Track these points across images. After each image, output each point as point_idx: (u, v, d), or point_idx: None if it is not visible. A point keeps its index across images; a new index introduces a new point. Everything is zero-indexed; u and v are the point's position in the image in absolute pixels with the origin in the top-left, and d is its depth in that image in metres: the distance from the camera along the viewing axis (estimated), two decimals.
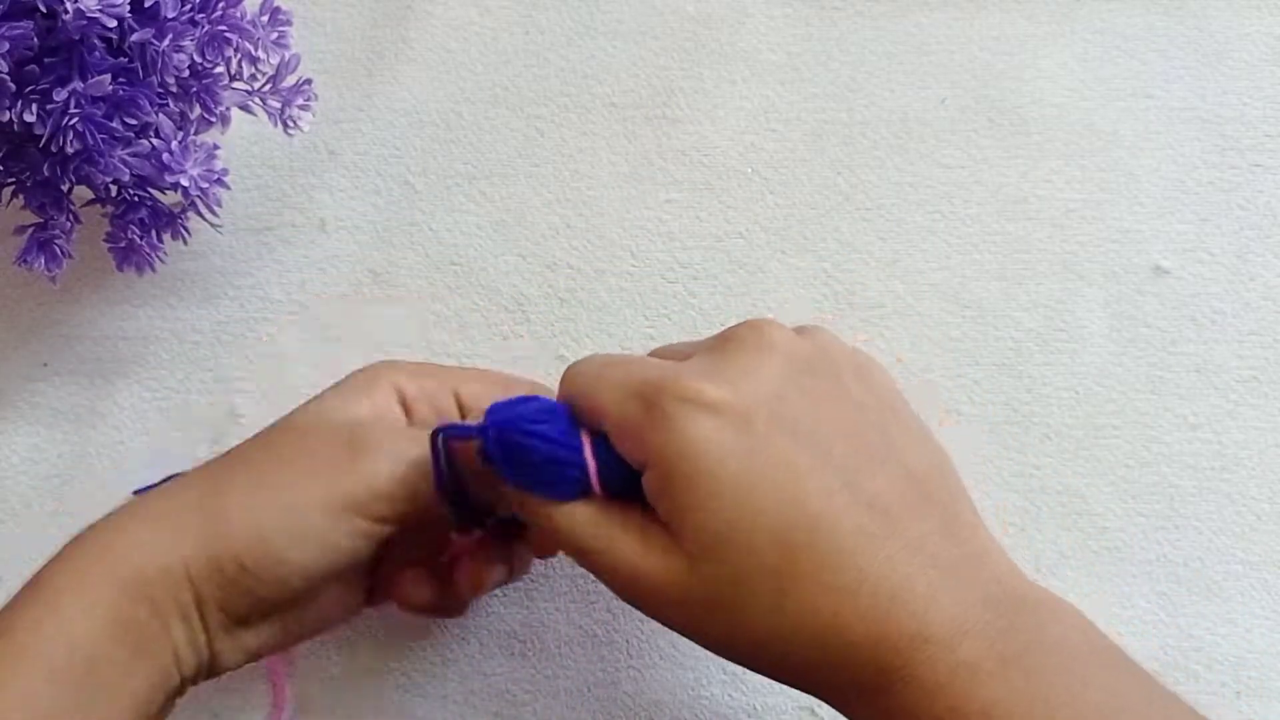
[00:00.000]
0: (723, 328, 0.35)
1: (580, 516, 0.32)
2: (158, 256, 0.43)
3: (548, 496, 0.32)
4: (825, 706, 0.42)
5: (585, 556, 0.32)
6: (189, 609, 0.33)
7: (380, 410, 0.36)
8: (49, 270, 0.42)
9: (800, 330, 0.33)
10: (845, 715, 0.31)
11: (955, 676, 0.27)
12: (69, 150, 0.38)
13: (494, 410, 0.33)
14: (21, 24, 0.36)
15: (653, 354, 0.35)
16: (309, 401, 0.37)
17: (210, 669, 0.35)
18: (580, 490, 0.32)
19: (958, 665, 0.27)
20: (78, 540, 0.35)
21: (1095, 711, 0.27)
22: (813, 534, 0.28)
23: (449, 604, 0.38)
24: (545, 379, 0.42)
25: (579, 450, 0.32)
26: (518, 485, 0.32)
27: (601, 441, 0.32)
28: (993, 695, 0.27)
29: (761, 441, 0.29)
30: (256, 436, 0.36)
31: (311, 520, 0.33)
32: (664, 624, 0.31)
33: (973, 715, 0.27)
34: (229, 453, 0.36)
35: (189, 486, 0.35)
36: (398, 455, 0.34)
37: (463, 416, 0.37)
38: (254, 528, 0.33)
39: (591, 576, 0.43)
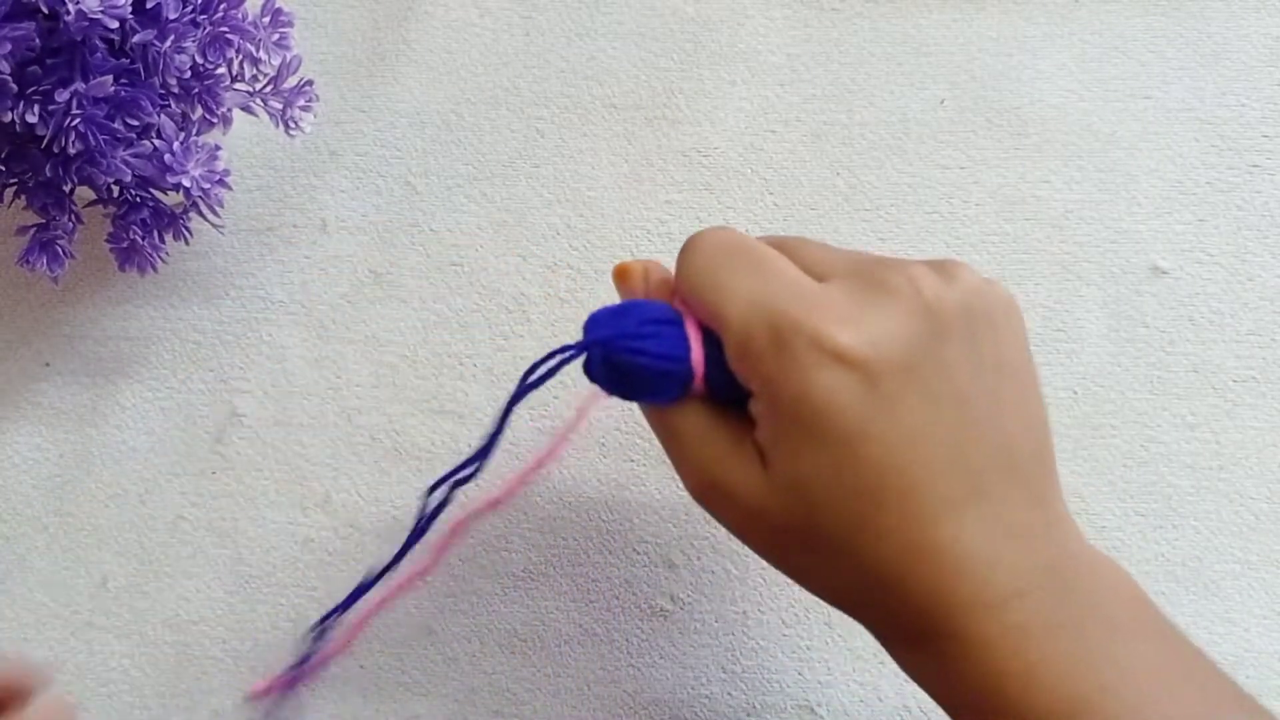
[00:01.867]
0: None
1: (689, 419, 0.31)
2: (159, 257, 0.43)
3: (650, 402, 0.31)
4: (824, 706, 0.42)
5: (677, 450, 0.31)
6: None
7: None
8: (51, 270, 0.42)
9: (947, 275, 0.30)
10: (890, 653, 0.31)
11: (1004, 638, 0.28)
12: (71, 151, 0.38)
13: (594, 324, 0.31)
14: (23, 25, 0.36)
15: (780, 245, 0.32)
16: None
17: None
18: (683, 391, 0.31)
19: (1008, 627, 0.28)
20: None
21: (1135, 677, 0.28)
22: (903, 498, 0.28)
23: None
24: None
25: (687, 360, 0.30)
26: (622, 397, 0.31)
27: (711, 345, 0.30)
28: (1037, 656, 0.28)
29: (884, 407, 0.28)
30: None
31: None
32: (732, 532, 0.31)
33: (1015, 675, 0.28)
34: None
35: None
36: None
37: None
38: None
39: (591, 576, 0.43)
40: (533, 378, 0.33)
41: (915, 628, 0.29)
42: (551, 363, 0.33)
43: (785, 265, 0.30)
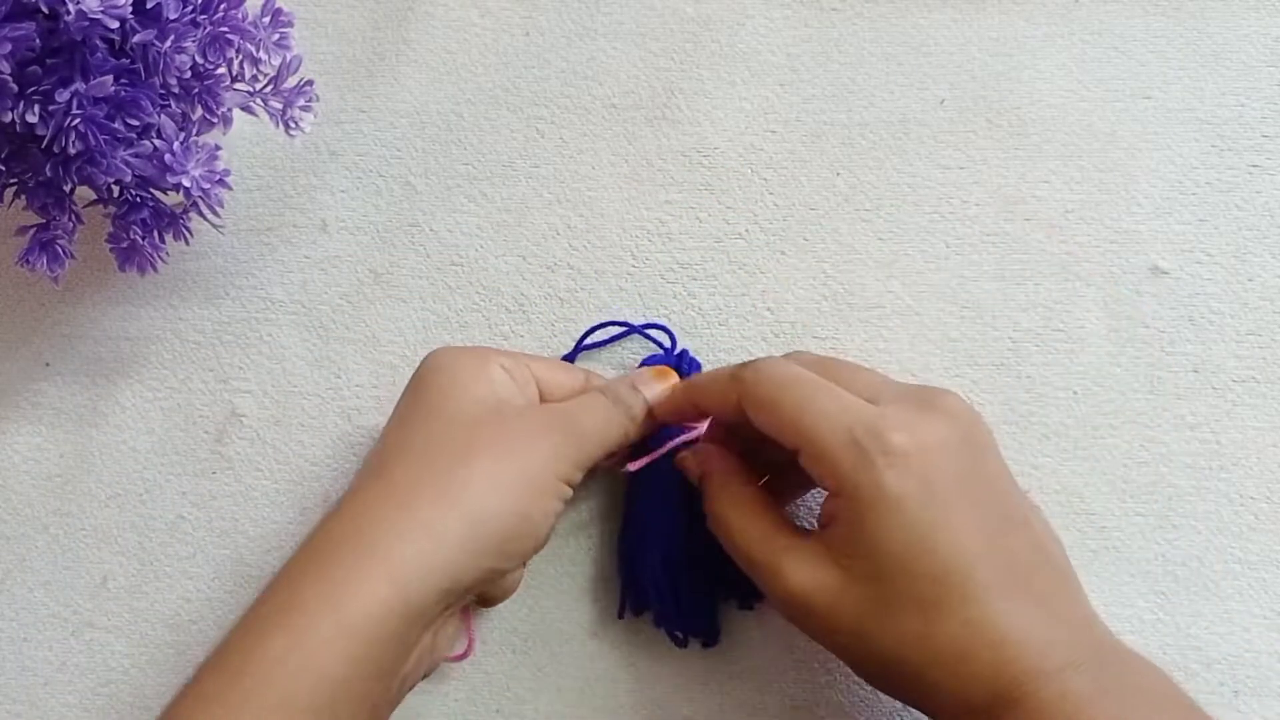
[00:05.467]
0: (721, 329, 0.46)
1: (753, 532, 0.37)
2: (160, 257, 0.43)
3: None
4: (824, 706, 0.42)
5: (753, 569, 0.37)
6: (436, 619, 0.36)
7: (506, 388, 0.39)
8: (51, 271, 0.42)
9: (968, 404, 0.37)
10: None
11: (1062, 702, 0.32)
12: (71, 151, 0.38)
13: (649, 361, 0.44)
14: (24, 25, 0.36)
15: (824, 369, 0.38)
16: (424, 396, 0.39)
17: (430, 668, 0.39)
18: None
19: (1065, 693, 0.32)
20: (323, 562, 0.35)
21: None
22: (965, 578, 0.33)
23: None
24: None
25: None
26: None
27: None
28: (1090, 717, 0.31)
29: (937, 498, 0.34)
30: (430, 442, 0.37)
31: (550, 485, 0.37)
32: (811, 635, 0.36)
33: None
34: (408, 463, 0.37)
35: (411, 498, 0.36)
36: (598, 416, 0.39)
37: (541, 393, 0.41)
38: (510, 507, 0.36)
39: (592, 575, 0.43)
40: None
41: (982, 700, 0.33)
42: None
43: (844, 392, 0.36)
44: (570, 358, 0.45)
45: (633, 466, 0.41)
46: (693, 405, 0.40)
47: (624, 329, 0.45)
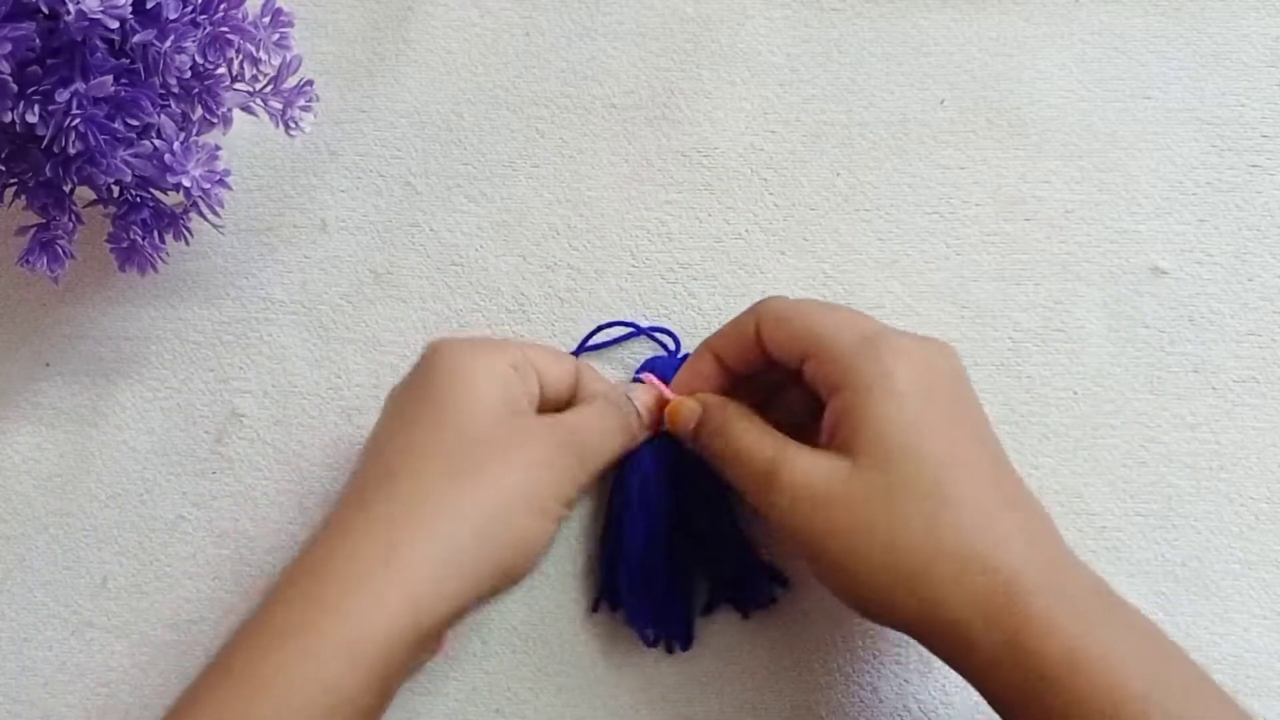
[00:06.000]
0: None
1: (755, 435, 0.37)
2: (160, 257, 0.43)
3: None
4: (824, 706, 0.42)
5: (756, 474, 0.37)
6: (443, 635, 0.36)
7: (514, 388, 0.39)
8: (51, 271, 0.42)
9: (941, 342, 0.38)
10: (952, 654, 0.34)
11: (1072, 617, 0.32)
12: (71, 151, 0.38)
13: (649, 366, 0.44)
14: (24, 25, 0.36)
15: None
16: (432, 394, 0.38)
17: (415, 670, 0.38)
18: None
19: (1064, 593, 0.33)
20: (338, 575, 0.35)
21: (1149, 660, 0.33)
22: (969, 472, 0.34)
23: None
24: None
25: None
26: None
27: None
28: (1106, 637, 0.32)
29: (940, 397, 0.36)
30: (442, 450, 0.37)
31: (553, 509, 0.37)
32: (811, 541, 0.35)
33: (1088, 650, 0.32)
34: (417, 471, 0.36)
35: (423, 513, 0.36)
36: (604, 434, 0.40)
37: (541, 388, 0.41)
38: (518, 527, 0.36)
39: (592, 577, 0.43)
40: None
41: (998, 602, 0.33)
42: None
43: (850, 311, 0.38)
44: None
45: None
46: (712, 356, 0.41)
47: (630, 330, 0.45)
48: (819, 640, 0.42)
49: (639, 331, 0.45)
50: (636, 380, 0.43)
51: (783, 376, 0.40)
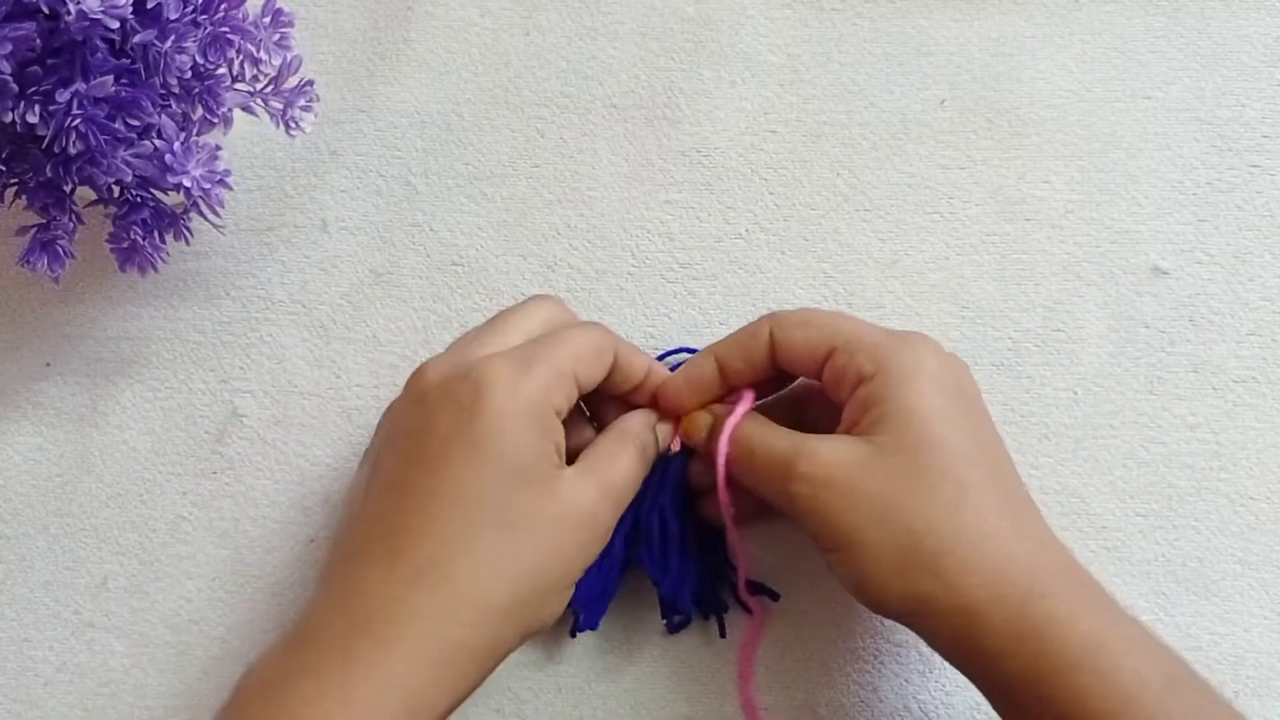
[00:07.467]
0: (721, 328, 0.45)
1: (774, 433, 0.38)
2: (160, 257, 0.43)
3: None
4: (824, 706, 0.42)
5: (777, 463, 0.37)
6: None
7: (557, 433, 0.37)
8: (52, 271, 0.42)
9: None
10: (959, 642, 0.34)
11: (1091, 610, 0.33)
12: (72, 151, 0.38)
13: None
14: (24, 25, 0.36)
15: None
16: (474, 423, 0.35)
17: None
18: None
19: (1099, 605, 0.34)
20: (369, 632, 0.33)
21: (1161, 656, 0.33)
22: (995, 463, 0.36)
23: None
24: None
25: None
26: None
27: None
28: (1127, 632, 0.33)
29: (966, 394, 0.37)
30: (481, 493, 0.34)
31: (574, 580, 0.37)
32: (833, 523, 0.35)
33: (1111, 645, 0.32)
34: (454, 512, 0.34)
35: (459, 568, 0.34)
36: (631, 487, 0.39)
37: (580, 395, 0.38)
38: (549, 612, 0.36)
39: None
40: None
41: (1017, 590, 0.33)
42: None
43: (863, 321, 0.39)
44: None
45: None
46: (714, 363, 0.40)
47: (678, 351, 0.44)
48: (819, 640, 0.42)
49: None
50: (667, 355, 0.44)
51: (771, 391, 0.41)
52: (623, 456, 0.38)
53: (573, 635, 0.41)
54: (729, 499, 0.39)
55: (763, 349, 0.39)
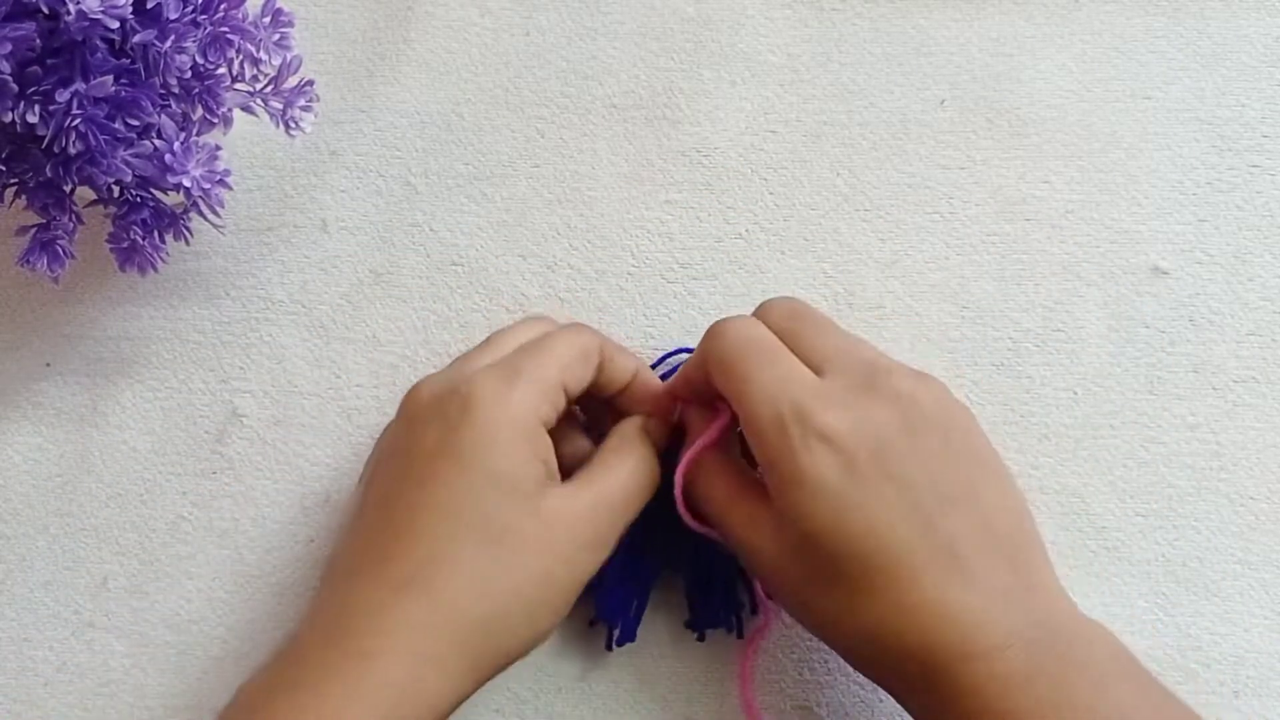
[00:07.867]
0: None
1: (719, 495, 0.38)
2: (160, 257, 0.43)
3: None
4: (824, 706, 0.42)
5: (719, 527, 0.38)
6: None
7: (547, 452, 0.37)
8: (51, 271, 0.42)
9: (925, 383, 0.36)
10: (904, 707, 0.35)
11: (990, 685, 0.32)
12: (71, 151, 0.38)
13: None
14: (24, 25, 0.36)
15: (786, 331, 0.38)
16: (461, 439, 0.35)
17: None
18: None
19: (992, 676, 0.32)
20: (360, 651, 0.33)
21: (1108, 716, 0.31)
22: (891, 561, 0.33)
23: None
24: None
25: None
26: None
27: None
28: (1018, 704, 0.32)
29: (860, 482, 0.34)
30: (467, 508, 0.35)
31: (571, 602, 0.37)
32: (776, 594, 0.38)
33: (1000, 716, 0.32)
34: (439, 533, 0.34)
35: (449, 583, 0.34)
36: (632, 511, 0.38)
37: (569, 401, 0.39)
38: (540, 626, 0.36)
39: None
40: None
41: (915, 678, 0.33)
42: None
43: (792, 361, 0.36)
44: None
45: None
46: (675, 390, 0.41)
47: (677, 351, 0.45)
48: (819, 640, 0.42)
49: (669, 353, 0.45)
50: (668, 356, 0.44)
51: None
52: (619, 466, 0.38)
53: (609, 649, 0.42)
54: (699, 524, 0.39)
55: (706, 373, 0.38)
